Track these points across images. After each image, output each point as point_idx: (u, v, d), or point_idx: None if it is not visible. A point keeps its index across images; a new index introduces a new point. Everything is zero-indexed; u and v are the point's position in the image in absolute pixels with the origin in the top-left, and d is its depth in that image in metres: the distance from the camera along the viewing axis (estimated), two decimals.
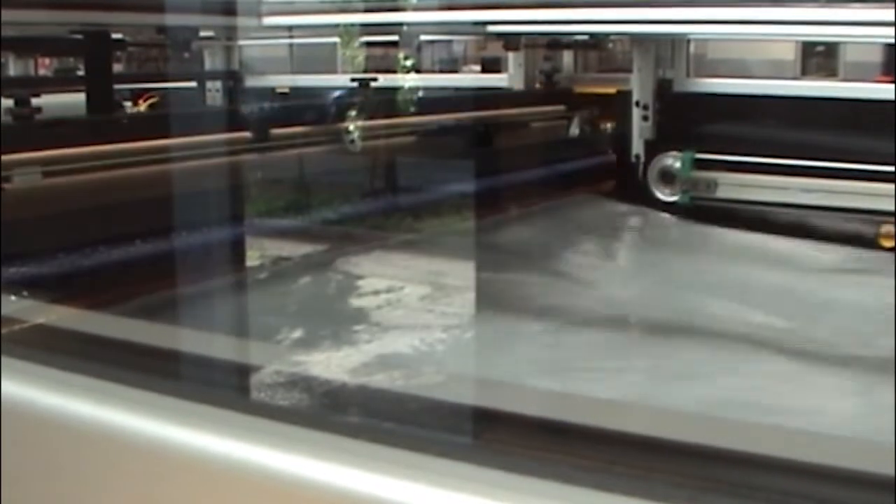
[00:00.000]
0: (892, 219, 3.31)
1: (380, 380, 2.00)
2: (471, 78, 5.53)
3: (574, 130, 4.11)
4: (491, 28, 3.90)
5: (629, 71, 3.98)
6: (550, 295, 2.92)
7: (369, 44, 4.39)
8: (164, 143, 2.79)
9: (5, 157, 2.33)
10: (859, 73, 5.85)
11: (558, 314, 2.71)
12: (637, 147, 3.91)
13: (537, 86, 4.33)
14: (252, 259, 2.77)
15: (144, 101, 4.21)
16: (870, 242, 3.37)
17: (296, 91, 4.67)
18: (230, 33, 3.94)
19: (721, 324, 2.63)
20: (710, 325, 2.62)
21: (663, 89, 3.92)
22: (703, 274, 3.19)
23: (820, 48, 6.78)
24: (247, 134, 3.06)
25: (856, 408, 2.10)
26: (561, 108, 4.17)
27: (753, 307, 2.79)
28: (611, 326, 2.66)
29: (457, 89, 4.76)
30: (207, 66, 4.04)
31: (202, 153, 2.84)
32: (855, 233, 3.43)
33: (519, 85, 4.30)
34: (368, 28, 3.92)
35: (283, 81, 4.90)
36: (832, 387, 2.24)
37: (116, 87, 3.66)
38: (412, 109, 3.64)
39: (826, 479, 0.84)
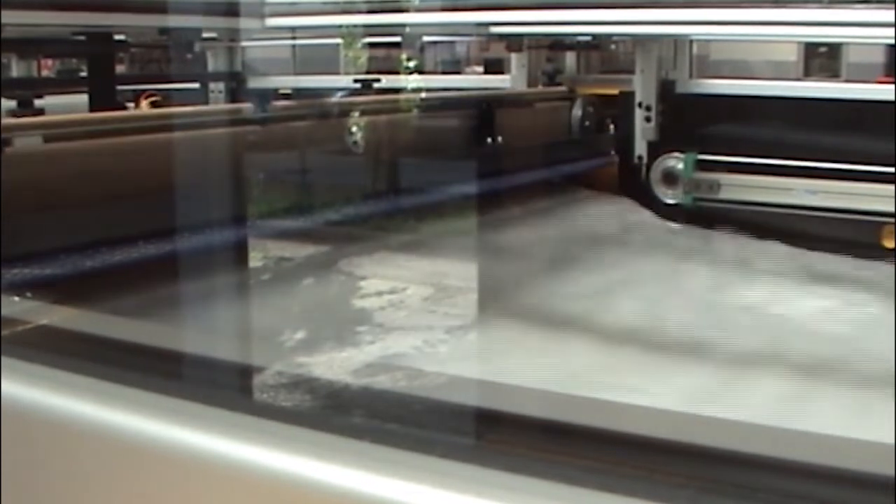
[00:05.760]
0: (894, 220, 3.31)
1: (382, 380, 2.00)
2: (473, 79, 5.53)
3: (576, 131, 4.11)
4: (494, 29, 3.90)
5: (632, 72, 3.98)
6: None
7: (372, 45, 4.39)
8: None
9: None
10: (861, 74, 5.85)
11: None
12: (639, 148, 3.91)
13: (540, 87, 4.33)
14: (254, 260, 2.77)
15: (146, 98, 4.20)
16: (871, 244, 3.37)
17: (298, 92, 4.67)
18: (233, 34, 3.94)
19: None
20: None
21: (666, 90, 3.91)
22: None
23: (822, 49, 6.78)
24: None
25: None
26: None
27: None
28: None
29: (459, 90, 4.76)
30: (210, 67, 4.03)
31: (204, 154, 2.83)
32: (856, 233, 3.43)
33: (521, 86, 4.30)
34: (371, 29, 3.92)
35: (286, 82, 4.90)
36: None
37: (119, 88, 3.67)
38: (415, 110, 3.64)
39: (826, 480, 0.84)
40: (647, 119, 3.90)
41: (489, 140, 3.68)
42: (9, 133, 2.30)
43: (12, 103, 2.69)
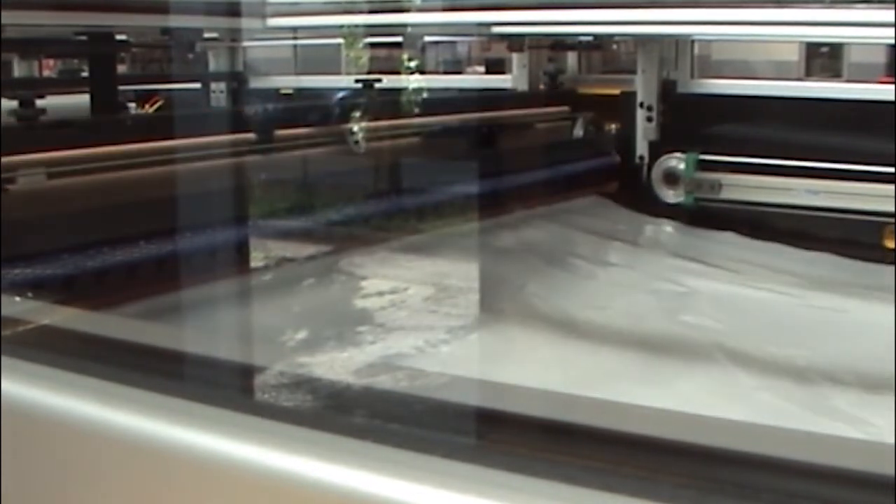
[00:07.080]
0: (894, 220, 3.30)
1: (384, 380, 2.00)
2: (475, 79, 5.53)
3: (578, 132, 4.11)
4: (495, 29, 3.90)
5: (633, 72, 3.98)
6: None
7: (373, 45, 4.39)
8: (170, 144, 2.79)
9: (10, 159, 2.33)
10: (863, 74, 5.85)
11: None
12: (641, 148, 3.91)
13: (541, 87, 4.32)
14: (257, 261, 2.77)
15: (151, 104, 4.20)
16: (873, 244, 3.37)
17: (300, 92, 4.67)
18: (234, 34, 3.94)
19: None
20: None
21: (667, 90, 3.91)
22: None
23: (824, 49, 6.78)
24: (251, 135, 3.05)
25: None
26: (565, 109, 4.17)
27: None
28: None
29: (461, 90, 4.76)
30: (211, 67, 4.03)
31: (206, 154, 2.84)
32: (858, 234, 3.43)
33: (523, 86, 4.30)
34: (373, 29, 3.92)
35: (288, 83, 4.90)
36: None
37: (121, 88, 3.67)
38: (416, 110, 3.64)
39: (826, 479, 0.84)
40: (649, 119, 3.90)
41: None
42: None
43: (14, 103, 2.69)
